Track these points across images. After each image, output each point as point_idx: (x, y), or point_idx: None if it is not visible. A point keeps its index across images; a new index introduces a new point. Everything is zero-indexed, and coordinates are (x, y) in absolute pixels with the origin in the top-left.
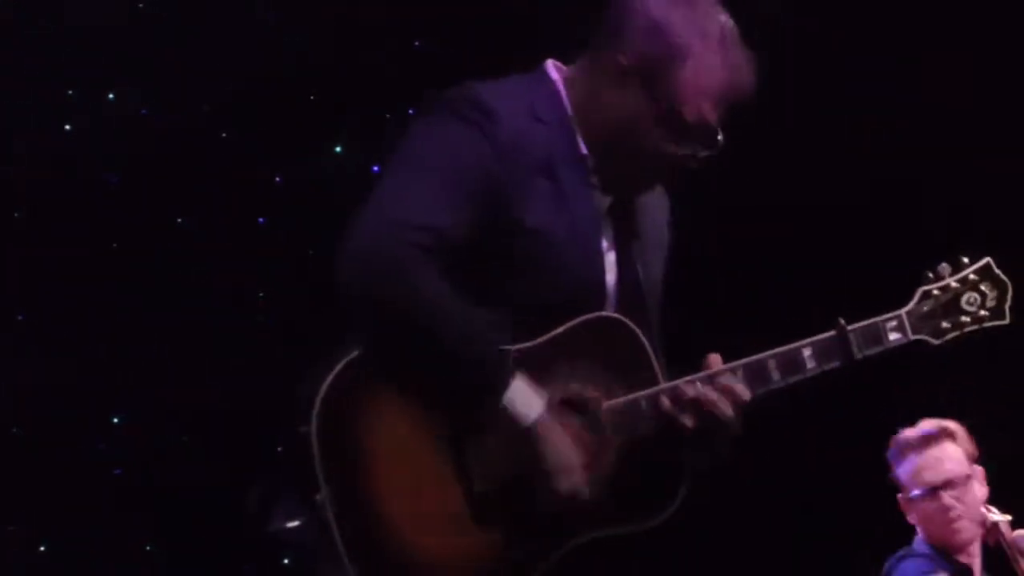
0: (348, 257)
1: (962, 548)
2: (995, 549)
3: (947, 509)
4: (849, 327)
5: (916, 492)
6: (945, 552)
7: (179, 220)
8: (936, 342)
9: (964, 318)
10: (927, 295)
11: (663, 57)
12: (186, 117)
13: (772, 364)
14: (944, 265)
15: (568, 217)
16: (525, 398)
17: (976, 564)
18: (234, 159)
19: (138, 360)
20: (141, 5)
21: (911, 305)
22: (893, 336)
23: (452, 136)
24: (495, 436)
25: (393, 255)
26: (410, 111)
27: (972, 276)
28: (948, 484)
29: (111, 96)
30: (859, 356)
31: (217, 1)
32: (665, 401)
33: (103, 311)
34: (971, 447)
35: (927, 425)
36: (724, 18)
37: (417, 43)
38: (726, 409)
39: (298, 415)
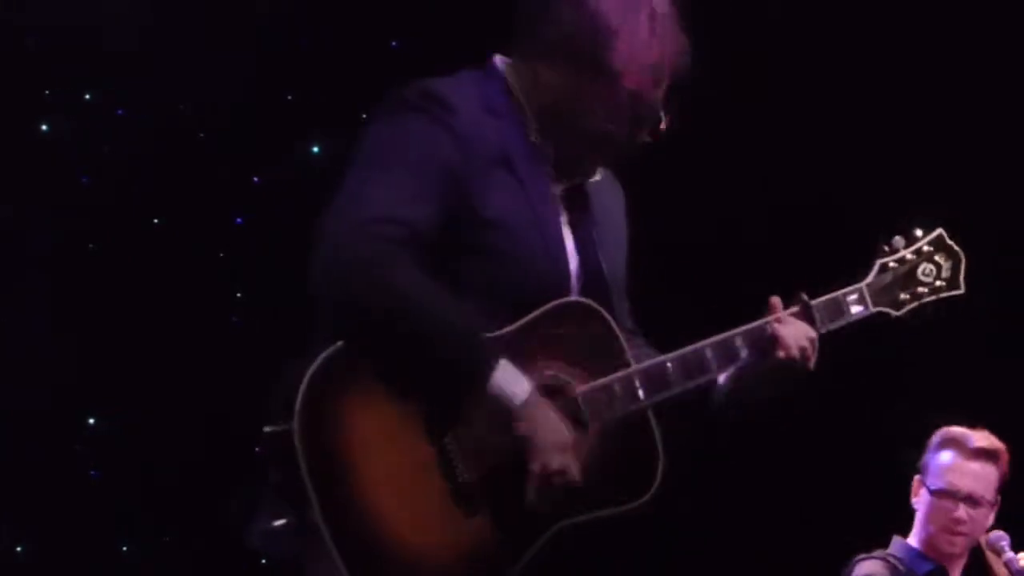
0: (322, 259)
1: (947, 557)
2: (971, 549)
3: (957, 521)
4: (812, 301)
5: (939, 486)
6: (926, 552)
7: (155, 220)
8: (896, 314)
9: (921, 289)
10: (884, 268)
11: (593, 34)
12: (163, 117)
13: (740, 341)
14: (898, 238)
15: (527, 206)
16: (512, 379)
17: (956, 568)
18: (211, 159)
19: (114, 361)
20: (117, 6)
21: (870, 278)
22: (855, 309)
23: (412, 130)
24: (480, 423)
25: (367, 251)
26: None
27: (926, 248)
28: (971, 500)
29: (87, 96)
30: (823, 330)
31: (194, 2)
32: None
33: (79, 312)
34: (1006, 472)
35: (985, 438)
36: None
37: (394, 43)
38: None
39: (276, 414)
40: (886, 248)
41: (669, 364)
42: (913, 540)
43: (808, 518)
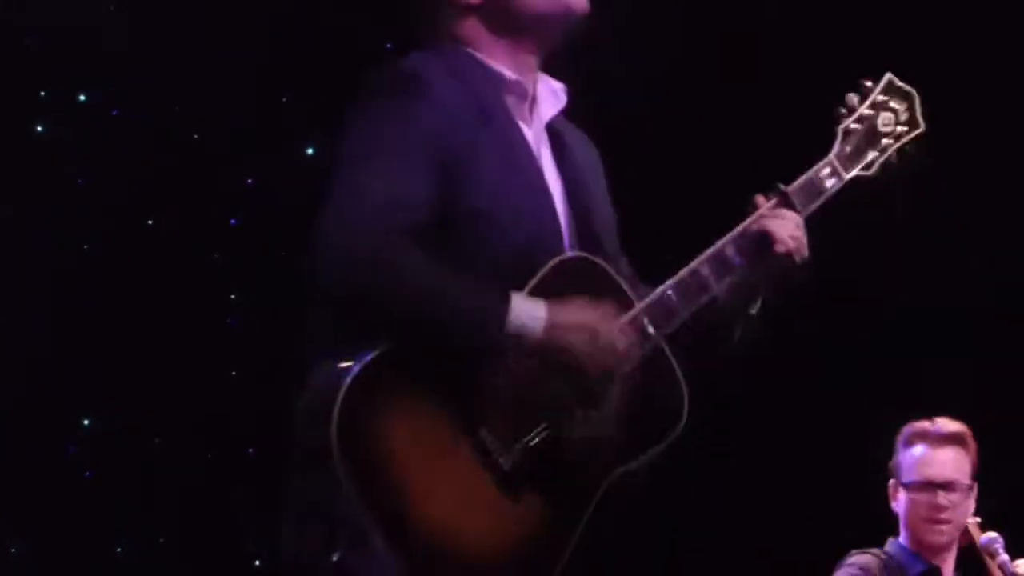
0: (330, 255)
1: (938, 551)
2: (965, 551)
3: (939, 508)
4: (788, 188)
5: (913, 479)
6: (918, 552)
7: (149, 222)
8: (869, 174)
9: (886, 140)
10: (848, 132)
11: None
12: (157, 118)
13: (731, 250)
14: (851, 95)
15: (514, 165)
16: (528, 309)
17: (948, 566)
18: (205, 161)
19: (108, 362)
20: (112, 7)
21: (836, 147)
22: (830, 183)
23: (397, 113)
24: (507, 394)
25: (371, 239)
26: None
27: (880, 97)
28: (949, 486)
29: (82, 98)
30: (805, 213)
31: (189, 3)
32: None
33: (73, 313)
34: (976, 461)
35: (947, 424)
36: None
37: (389, 45)
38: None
39: (309, 432)
40: (843, 110)
41: (670, 292)
42: (903, 540)
43: (806, 516)
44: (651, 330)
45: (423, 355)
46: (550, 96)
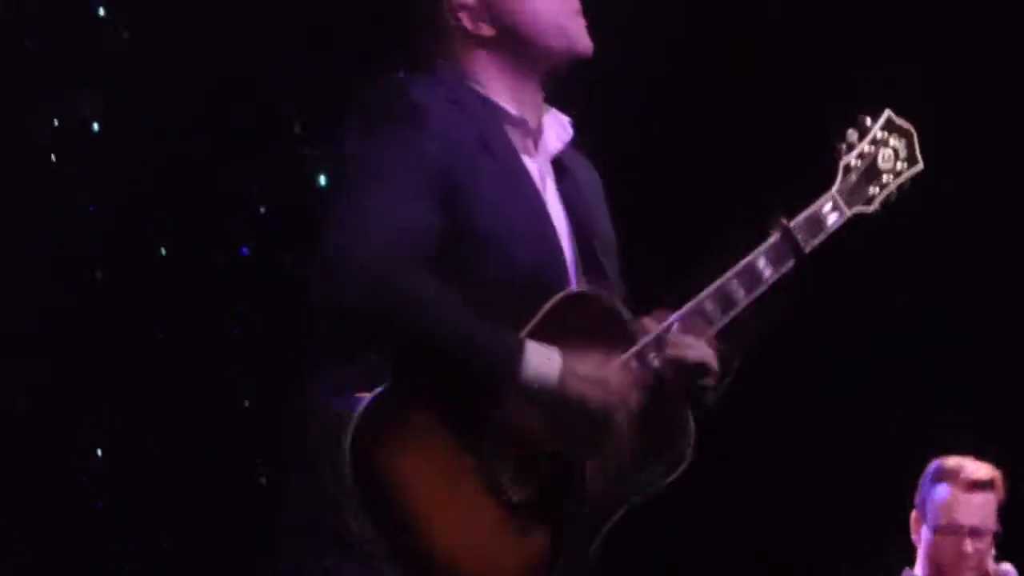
0: (334, 281)
1: None
2: None
3: (963, 556)
4: (790, 223)
5: (940, 523)
6: None
7: (162, 251)
8: (870, 209)
9: (886, 177)
10: (848, 168)
11: None
12: (171, 146)
13: (735, 284)
14: (851, 131)
15: (515, 191)
16: (544, 359)
17: None
18: (218, 189)
19: (121, 393)
20: (126, 35)
21: (838, 182)
22: (832, 218)
23: (394, 140)
24: (521, 427)
25: (380, 268)
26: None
27: (879, 133)
28: (976, 532)
29: (96, 127)
30: (808, 249)
31: (201, 33)
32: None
33: (85, 343)
34: (1002, 503)
35: (980, 468)
36: None
37: (402, 73)
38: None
39: (319, 460)
40: (843, 146)
41: (676, 326)
42: (920, 574)
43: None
44: (656, 364)
45: (434, 386)
46: (556, 129)
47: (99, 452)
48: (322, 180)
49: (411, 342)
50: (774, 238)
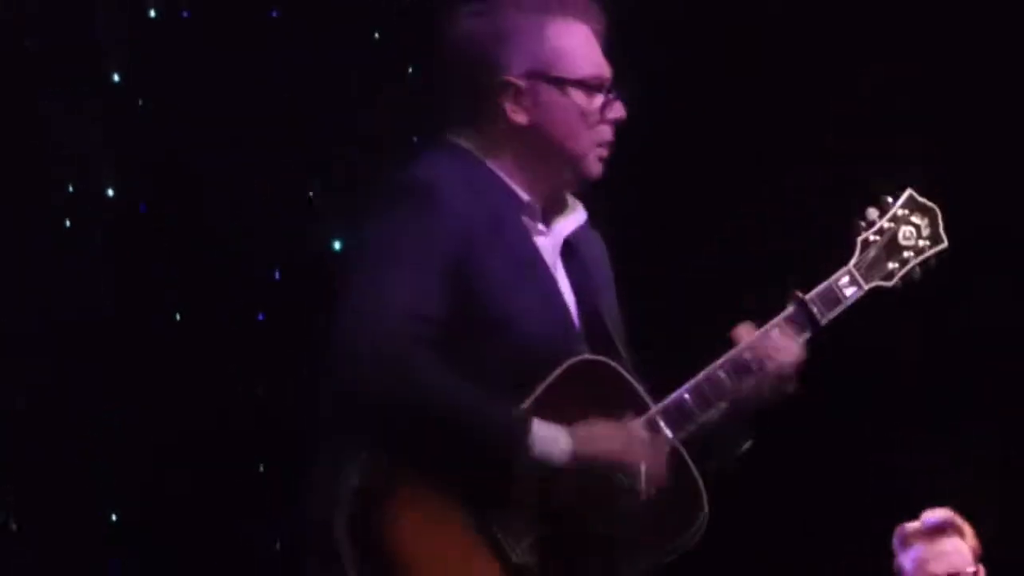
0: (347, 365)
1: None
2: None
3: None
4: (806, 296)
5: None
6: None
7: (177, 316)
8: (890, 284)
9: (907, 253)
10: (867, 243)
11: (518, 53)
12: (184, 211)
13: (748, 355)
14: (871, 209)
15: (527, 275)
16: (551, 439)
17: None
18: (233, 254)
19: (136, 457)
20: (141, 103)
21: (856, 257)
22: (849, 292)
23: (412, 223)
24: (528, 496)
25: (393, 352)
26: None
27: (900, 211)
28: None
29: (110, 192)
30: (824, 322)
31: (215, 96)
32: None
33: (101, 408)
34: (976, 545)
35: (934, 515)
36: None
37: (415, 139)
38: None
39: (319, 528)
40: (862, 223)
41: (687, 395)
42: None
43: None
44: (668, 433)
45: (437, 455)
46: (569, 213)
47: (114, 518)
48: (337, 246)
49: (418, 425)
50: (790, 310)
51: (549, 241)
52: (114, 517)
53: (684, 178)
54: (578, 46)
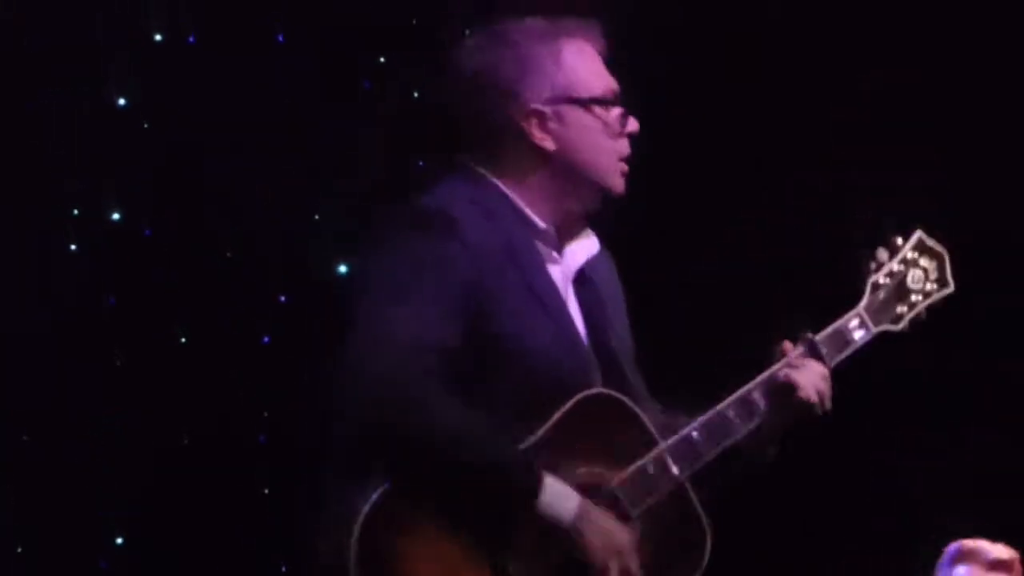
0: (357, 396)
1: None
2: None
3: None
4: (816, 337)
5: None
6: None
7: (183, 340)
8: (897, 328)
9: (915, 297)
10: (876, 285)
11: (541, 82)
12: (190, 235)
13: (758, 394)
14: (881, 250)
15: (541, 305)
16: (560, 494)
17: None
18: (238, 278)
19: (142, 481)
20: (146, 126)
21: (866, 299)
22: (858, 335)
23: (424, 251)
24: (532, 544)
25: (404, 385)
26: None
27: (910, 254)
28: None
29: (116, 216)
30: (832, 364)
31: (221, 124)
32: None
33: (106, 430)
34: None
35: (999, 548)
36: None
37: (421, 163)
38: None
39: (326, 562)
40: (872, 265)
41: (695, 433)
42: None
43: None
44: (675, 471)
45: (444, 489)
46: (583, 240)
47: (119, 541)
48: (342, 269)
49: (427, 459)
50: (800, 350)
51: (562, 269)
52: (119, 540)
53: (683, 184)
54: (590, 65)
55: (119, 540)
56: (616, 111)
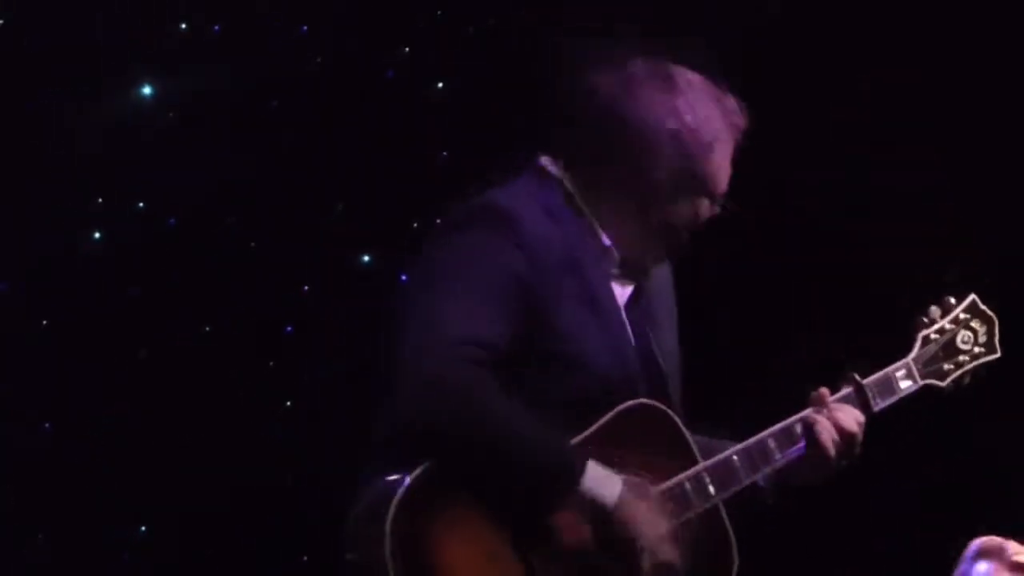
0: (409, 386)
1: None
2: None
3: None
4: (864, 381)
5: None
6: None
7: (207, 328)
8: (943, 384)
9: (962, 357)
10: (927, 340)
11: (653, 133)
12: (214, 226)
13: (799, 428)
14: (934, 308)
15: (597, 314)
16: (603, 480)
17: None
18: (261, 268)
19: (166, 470)
20: (171, 114)
21: (915, 351)
22: (904, 384)
23: (484, 247)
24: (569, 534)
25: (455, 378)
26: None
27: (962, 315)
28: None
29: (141, 205)
30: (876, 409)
31: (241, 112)
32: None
33: (129, 420)
34: None
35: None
36: (690, 73)
37: (444, 153)
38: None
39: (359, 541)
40: (925, 320)
41: (735, 457)
42: None
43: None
44: (712, 490)
45: (481, 475)
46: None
47: (143, 529)
48: (365, 259)
49: (475, 450)
50: (847, 391)
51: (621, 281)
52: (143, 528)
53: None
54: (726, 166)
55: (143, 528)
56: (713, 206)
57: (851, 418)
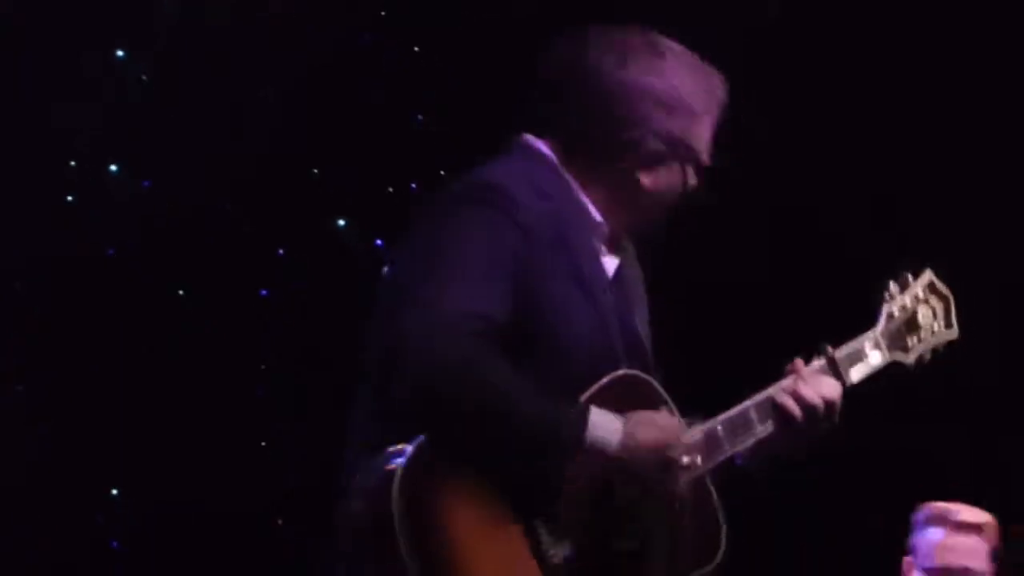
0: (412, 361)
1: None
2: None
3: None
4: (835, 353)
5: (935, 564)
6: None
7: (180, 292)
8: (907, 361)
9: (924, 333)
10: (891, 316)
11: (648, 113)
12: (188, 189)
13: (781, 398)
14: (893, 284)
15: (585, 291)
16: (606, 420)
17: None
18: (236, 232)
19: (138, 433)
20: (144, 78)
21: (881, 325)
22: (874, 357)
23: (479, 223)
24: (573, 488)
25: (458, 350)
26: (411, 185)
27: (920, 292)
28: (966, 572)
29: (113, 168)
30: (848, 383)
31: (219, 76)
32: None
33: (103, 383)
34: (997, 546)
35: (971, 511)
36: (675, 44)
37: (420, 117)
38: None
39: (361, 514)
40: (887, 295)
41: (719, 427)
42: None
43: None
44: (698, 460)
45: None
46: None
47: (114, 492)
48: (340, 223)
49: (484, 419)
50: (816, 364)
51: (609, 263)
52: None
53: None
54: (709, 137)
55: (114, 492)
56: (695, 176)
57: (828, 386)
